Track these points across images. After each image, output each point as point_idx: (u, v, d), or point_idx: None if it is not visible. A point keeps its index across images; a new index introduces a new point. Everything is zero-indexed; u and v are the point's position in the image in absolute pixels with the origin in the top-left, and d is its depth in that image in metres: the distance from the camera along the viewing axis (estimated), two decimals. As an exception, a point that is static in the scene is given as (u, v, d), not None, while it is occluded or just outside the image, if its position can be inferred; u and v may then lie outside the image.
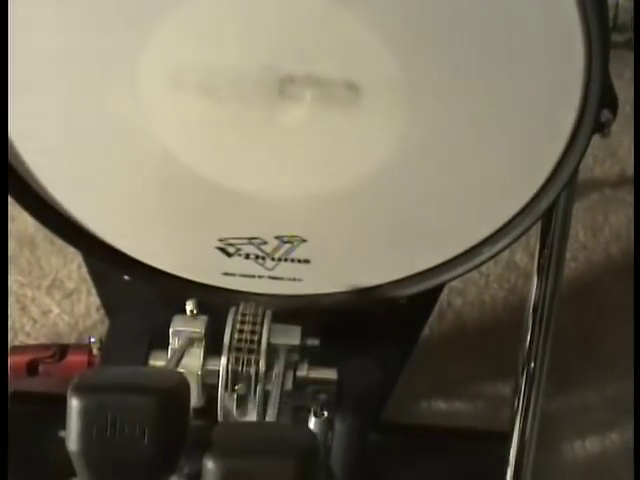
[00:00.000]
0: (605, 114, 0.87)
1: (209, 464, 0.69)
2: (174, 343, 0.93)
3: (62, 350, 1.02)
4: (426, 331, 1.19)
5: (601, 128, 0.88)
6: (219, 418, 0.93)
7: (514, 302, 1.28)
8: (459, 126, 0.88)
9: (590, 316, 1.26)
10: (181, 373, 0.76)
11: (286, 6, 0.83)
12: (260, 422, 0.89)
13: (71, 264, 1.29)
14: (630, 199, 1.36)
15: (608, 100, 0.87)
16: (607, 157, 1.42)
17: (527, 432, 1.06)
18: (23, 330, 1.24)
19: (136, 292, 1.04)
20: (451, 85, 0.85)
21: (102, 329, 1.19)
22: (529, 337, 1.05)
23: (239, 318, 0.94)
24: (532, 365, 1.05)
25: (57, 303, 1.27)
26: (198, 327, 0.94)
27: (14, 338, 1.23)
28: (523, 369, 1.06)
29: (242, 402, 0.93)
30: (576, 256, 1.33)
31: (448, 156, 0.90)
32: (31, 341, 1.23)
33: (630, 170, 1.40)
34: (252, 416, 0.93)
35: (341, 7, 0.82)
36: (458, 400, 1.19)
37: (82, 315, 1.26)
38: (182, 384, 0.71)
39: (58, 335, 1.24)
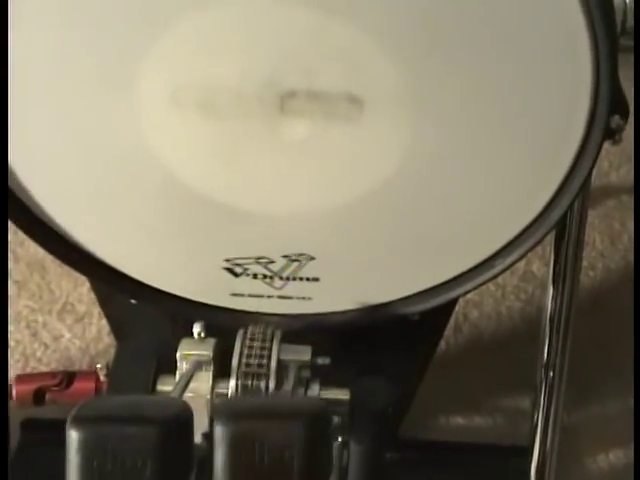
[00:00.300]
0: (616, 120, 0.85)
1: (217, 429, 0.68)
2: (182, 367, 0.92)
3: (69, 377, 1.01)
4: (442, 345, 1.17)
5: (612, 134, 0.86)
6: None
7: (531, 313, 1.26)
8: (465, 137, 0.86)
9: (609, 325, 1.24)
10: (183, 401, 0.74)
11: (285, 21, 0.82)
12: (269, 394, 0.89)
13: (82, 287, 1.28)
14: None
15: (619, 106, 0.85)
16: (623, 163, 1.39)
17: (548, 446, 1.05)
18: (34, 356, 1.23)
19: (143, 315, 1.02)
20: (455, 96, 0.84)
21: (114, 353, 1.18)
22: (547, 348, 1.03)
23: (248, 340, 0.92)
24: (551, 377, 1.04)
25: (68, 328, 1.26)
26: (206, 350, 0.92)
27: (25, 365, 1.22)
28: (542, 381, 1.04)
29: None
30: (594, 264, 1.31)
31: (454, 168, 0.88)
32: (42, 367, 1.22)
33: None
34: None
35: (340, 20, 0.81)
36: (477, 415, 1.18)
37: (94, 339, 1.25)
38: (184, 412, 0.69)
39: (70, 360, 1.23)
